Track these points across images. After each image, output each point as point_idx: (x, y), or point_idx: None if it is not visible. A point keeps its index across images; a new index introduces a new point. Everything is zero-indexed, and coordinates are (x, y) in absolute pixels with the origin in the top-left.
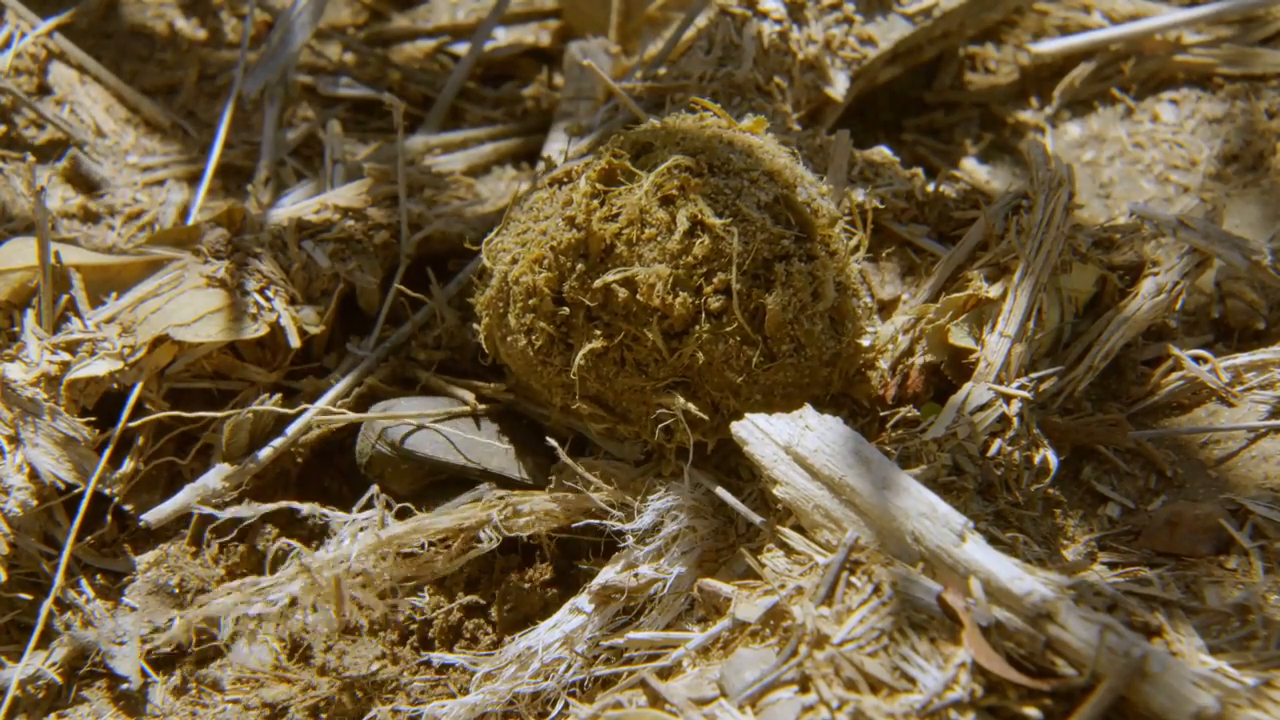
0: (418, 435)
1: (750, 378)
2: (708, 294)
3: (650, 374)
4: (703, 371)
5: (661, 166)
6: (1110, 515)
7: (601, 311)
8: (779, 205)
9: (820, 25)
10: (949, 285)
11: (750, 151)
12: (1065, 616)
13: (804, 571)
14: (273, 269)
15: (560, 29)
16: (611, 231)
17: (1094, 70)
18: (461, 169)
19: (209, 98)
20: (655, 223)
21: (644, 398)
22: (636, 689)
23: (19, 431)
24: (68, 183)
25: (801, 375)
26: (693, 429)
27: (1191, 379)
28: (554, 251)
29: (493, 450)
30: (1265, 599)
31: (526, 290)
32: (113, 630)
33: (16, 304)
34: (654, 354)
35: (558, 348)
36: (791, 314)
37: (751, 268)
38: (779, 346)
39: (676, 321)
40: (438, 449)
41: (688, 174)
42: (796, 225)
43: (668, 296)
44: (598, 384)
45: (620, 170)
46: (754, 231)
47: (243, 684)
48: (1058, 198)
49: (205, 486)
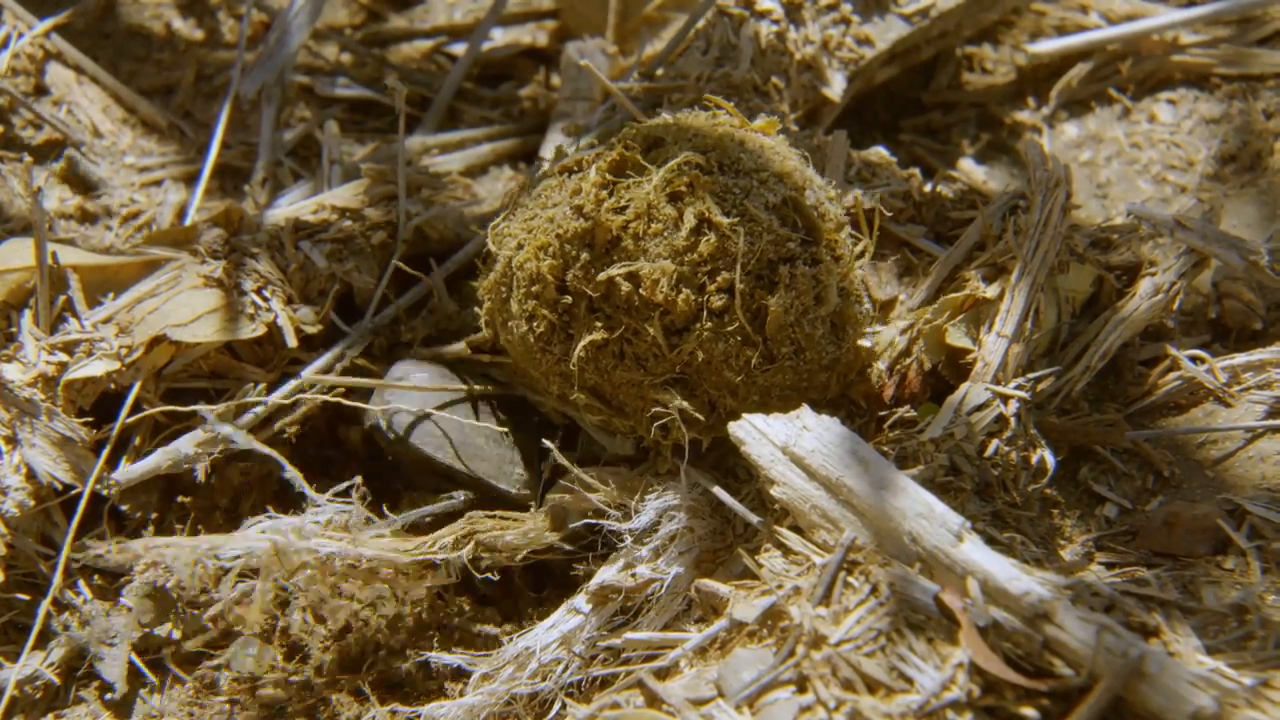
0: (419, 426)
1: (749, 378)
2: (711, 292)
3: (649, 369)
4: (701, 370)
5: (672, 162)
6: (1108, 515)
7: (604, 303)
8: (787, 207)
9: (817, 25)
10: (946, 285)
11: (761, 152)
12: (1063, 617)
13: (801, 572)
14: (270, 269)
15: (557, 29)
16: (619, 224)
17: (1091, 70)
18: (459, 169)
19: (206, 98)
20: (662, 218)
21: (641, 392)
22: (634, 689)
23: (16, 432)
24: (65, 183)
25: (800, 379)
26: (689, 427)
27: (1189, 379)
28: (560, 239)
29: (486, 454)
30: (1263, 599)
31: (530, 276)
32: (104, 631)
33: (14, 304)
34: (654, 349)
35: (558, 336)
36: (793, 317)
37: (756, 268)
38: (779, 349)
39: (678, 318)
40: (431, 445)
41: (698, 171)
42: (803, 228)
43: (671, 293)
44: (596, 376)
45: (631, 163)
46: (760, 232)
47: (240, 684)
48: (1055, 198)
49: (178, 450)
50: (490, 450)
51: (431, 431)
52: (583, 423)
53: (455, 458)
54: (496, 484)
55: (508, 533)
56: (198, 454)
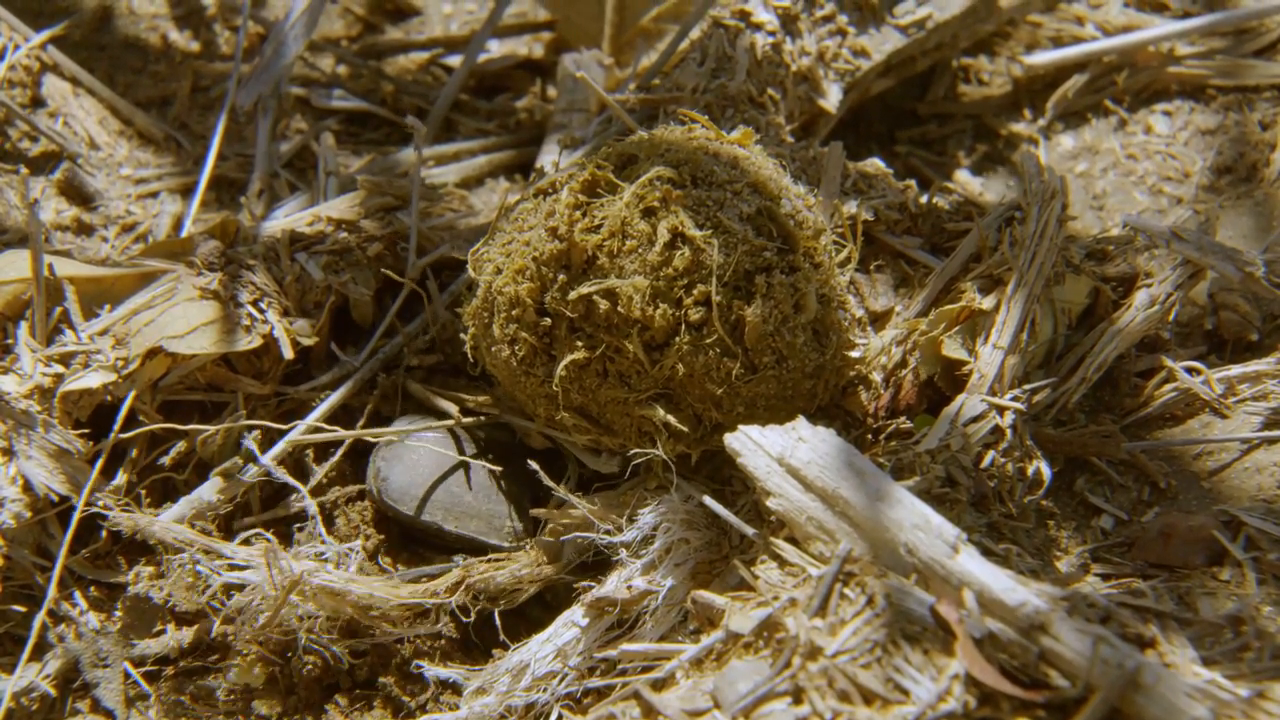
0: (409, 489)
1: (731, 390)
2: (688, 306)
3: (633, 385)
4: (684, 384)
5: (643, 178)
6: (1103, 527)
7: (584, 323)
8: (761, 217)
9: (813, 37)
10: (942, 297)
11: (735, 163)
12: (1058, 628)
13: (797, 583)
14: (266, 281)
15: (553, 41)
16: (594, 243)
17: (1087, 82)
18: (455, 181)
19: (202, 110)
20: (636, 234)
21: (627, 409)
22: (630, 700)
23: (13, 444)
24: (61, 195)
25: (784, 388)
26: (676, 441)
27: (1185, 390)
28: (536, 262)
29: (476, 511)
30: (1258, 610)
31: (510, 300)
32: (95, 653)
33: (10, 316)
34: (636, 366)
35: (540, 359)
36: (773, 326)
37: (733, 280)
38: (760, 359)
39: (657, 333)
40: (420, 507)
41: (669, 185)
42: (779, 237)
43: (647, 308)
44: (580, 396)
45: (603, 181)
46: (735, 244)
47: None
48: (1051, 209)
49: (200, 499)
50: (481, 506)
51: (421, 494)
52: (572, 449)
53: (446, 518)
54: (487, 540)
55: (499, 574)
56: (219, 501)
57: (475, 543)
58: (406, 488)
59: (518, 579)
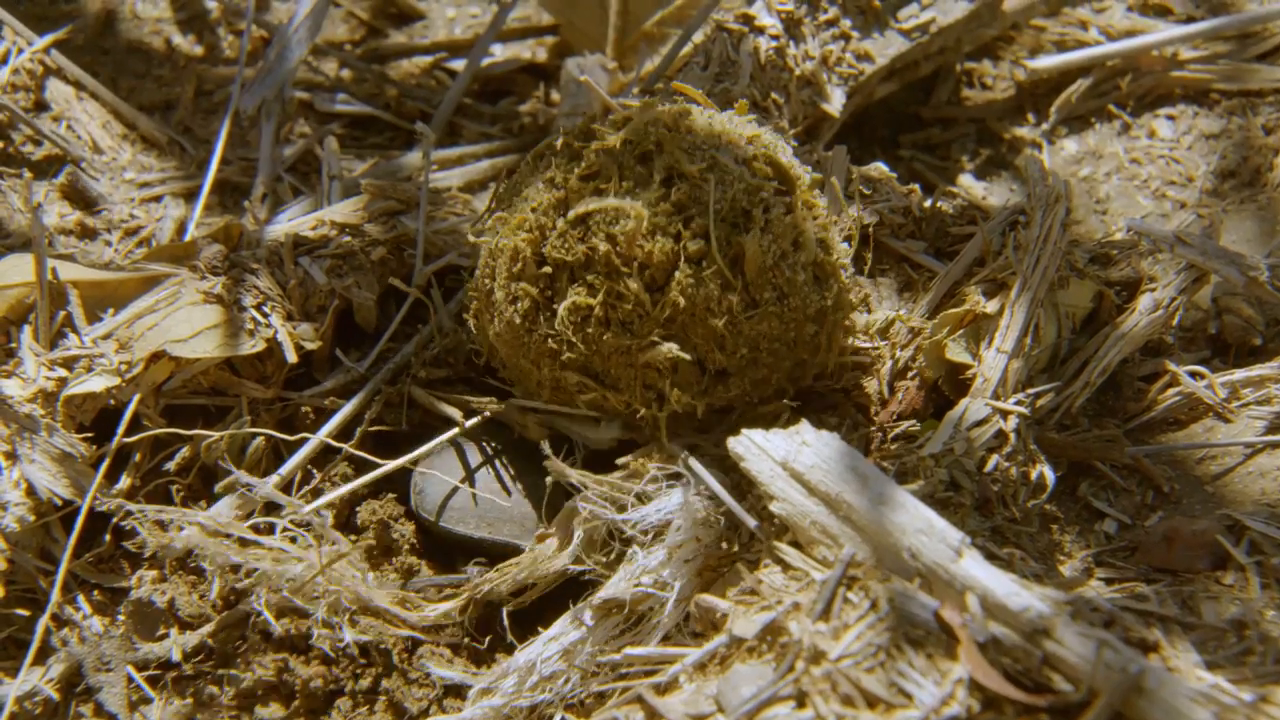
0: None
1: (733, 325)
2: (686, 238)
3: (635, 331)
4: (685, 322)
5: (637, 121)
6: (1107, 531)
7: (584, 271)
8: (759, 161)
9: (817, 41)
10: (946, 301)
11: (729, 120)
12: (1062, 632)
13: (801, 587)
14: (269, 285)
15: (557, 45)
16: (590, 188)
17: (1091, 86)
18: (458, 185)
19: (206, 114)
20: (633, 175)
21: (630, 359)
22: (634, 704)
23: (16, 448)
24: (65, 199)
25: (787, 328)
26: (681, 392)
27: (1188, 395)
28: (534, 212)
29: (510, 514)
30: (1262, 614)
31: (510, 256)
32: (98, 657)
33: (14, 320)
34: (638, 310)
35: (543, 314)
36: (772, 259)
37: (730, 216)
38: (761, 294)
39: (657, 270)
40: (457, 520)
41: (665, 129)
42: (777, 178)
43: (646, 243)
44: (585, 348)
45: (598, 133)
46: (732, 180)
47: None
48: (1055, 213)
49: (216, 518)
50: (514, 510)
51: (457, 505)
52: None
53: (482, 527)
54: (521, 544)
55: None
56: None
57: (513, 548)
58: (443, 501)
59: (520, 581)
